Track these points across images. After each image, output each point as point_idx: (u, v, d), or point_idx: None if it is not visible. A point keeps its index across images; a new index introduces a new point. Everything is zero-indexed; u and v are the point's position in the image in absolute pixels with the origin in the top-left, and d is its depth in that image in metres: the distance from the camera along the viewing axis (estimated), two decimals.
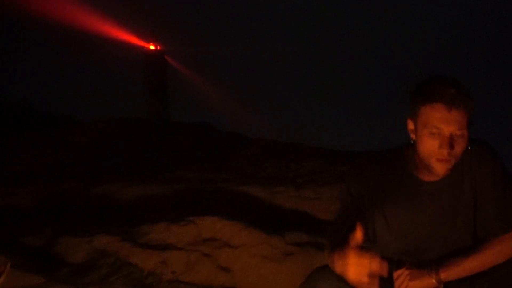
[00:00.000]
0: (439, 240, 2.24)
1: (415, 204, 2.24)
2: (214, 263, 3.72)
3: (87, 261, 3.93)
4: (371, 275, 2.04)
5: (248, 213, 4.52)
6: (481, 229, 2.20)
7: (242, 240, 3.78)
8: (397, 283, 2.19)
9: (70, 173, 6.65)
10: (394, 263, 2.26)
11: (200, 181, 5.58)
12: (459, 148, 2.13)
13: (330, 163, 5.59)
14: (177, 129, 9.57)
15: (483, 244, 2.17)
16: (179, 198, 5.25)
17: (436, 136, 2.12)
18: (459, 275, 2.14)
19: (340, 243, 2.17)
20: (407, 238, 2.27)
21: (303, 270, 3.53)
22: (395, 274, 2.19)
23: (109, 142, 8.57)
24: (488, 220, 2.18)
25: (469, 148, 2.17)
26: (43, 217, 4.98)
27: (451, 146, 2.11)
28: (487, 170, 2.19)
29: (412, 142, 2.22)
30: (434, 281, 2.14)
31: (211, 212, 4.16)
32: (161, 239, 3.94)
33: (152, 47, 30.21)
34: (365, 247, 2.26)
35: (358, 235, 2.09)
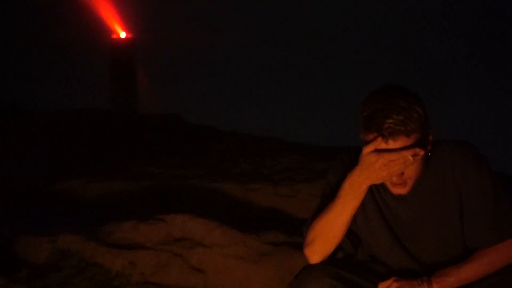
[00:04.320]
0: (425, 252, 2.28)
1: (392, 209, 2.28)
2: (185, 263, 3.75)
3: (49, 261, 3.93)
4: None
5: (221, 211, 4.56)
6: (470, 240, 2.23)
7: (215, 240, 3.82)
8: None
9: (29, 168, 6.62)
10: (383, 273, 2.32)
11: (170, 177, 5.59)
12: (411, 170, 2.17)
13: (308, 159, 5.65)
14: (144, 121, 9.54)
15: (476, 254, 2.20)
16: (147, 195, 5.26)
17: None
18: (452, 285, 2.17)
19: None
20: (389, 245, 2.32)
21: (280, 271, 3.59)
22: (381, 285, 2.22)
23: (71, 134, 8.52)
24: (478, 231, 2.21)
25: (429, 154, 2.20)
26: (1, 215, 4.97)
27: (399, 174, 2.16)
28: (474, 178, 2.20)
29: None
30: None
31: (182, 210, 4.19)
32: (128, 239, 3.96)
33: (120, 34, 29.98)
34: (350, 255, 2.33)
35: None
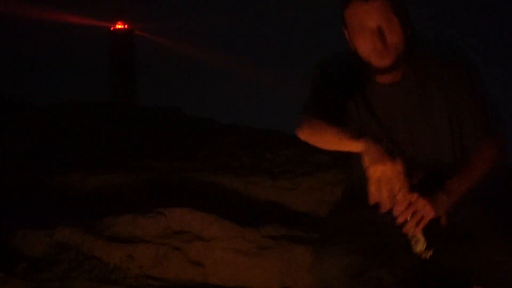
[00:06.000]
0: (417, 153, 2.32)
1: (374, 108, 2.36)
2: (184, 257, 3.76)
3: (47, 255, 3.94)
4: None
5: (221, 205, 4.57)
6: (467, 143, 2.29)
7: (214, 233, 3.83)
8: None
9: (27, 161, 6.62)
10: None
11: (169, 171, 5.60)
12: (393, 37, 2.23)
13: (308, 151, 5.64)
14: (143, 114, 9.53)
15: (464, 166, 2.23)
16: (145, 188, 5.27)
17: (366, 33, 2.23)
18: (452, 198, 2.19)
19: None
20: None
21: (279, 265, 3.60)
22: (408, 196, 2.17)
23: (69, 128, 8.51)
24: (469, 131, 2.28)
25: (412, 37, 2.25)
26: None
27: (381, 36, 2.21)
28: (457, 76, 2.26)
29: (353, 51, 2.34)
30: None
31: (181, 203, 4.20)
32: (127, 232, 3.97)
33: (118, 26, 29.90)
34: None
35: None
